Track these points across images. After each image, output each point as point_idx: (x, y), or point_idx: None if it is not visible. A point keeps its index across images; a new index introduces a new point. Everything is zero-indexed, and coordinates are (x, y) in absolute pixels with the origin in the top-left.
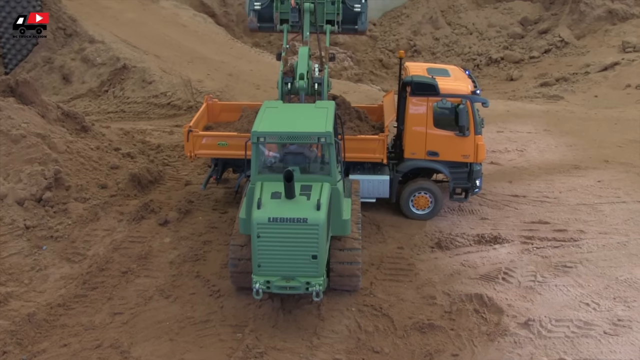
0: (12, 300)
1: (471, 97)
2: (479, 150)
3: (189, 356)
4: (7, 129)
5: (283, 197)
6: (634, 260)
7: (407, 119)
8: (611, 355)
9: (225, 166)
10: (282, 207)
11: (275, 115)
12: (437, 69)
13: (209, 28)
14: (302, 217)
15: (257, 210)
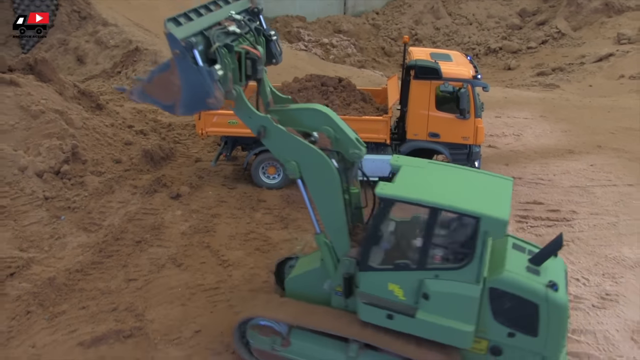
0: (34, 265)
1: (472, 82)
2: (479, 133)
3: (199, 320)
4: (26, 104)
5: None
6: (622, 240)
7: (410, 101)
8: (598, 326)
9: (235, 144)
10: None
11: None
12: (440, 54)
13: None
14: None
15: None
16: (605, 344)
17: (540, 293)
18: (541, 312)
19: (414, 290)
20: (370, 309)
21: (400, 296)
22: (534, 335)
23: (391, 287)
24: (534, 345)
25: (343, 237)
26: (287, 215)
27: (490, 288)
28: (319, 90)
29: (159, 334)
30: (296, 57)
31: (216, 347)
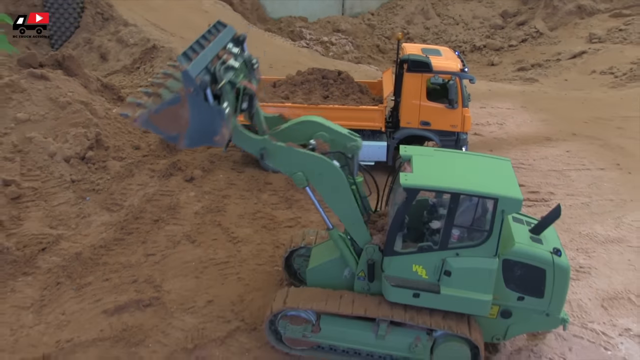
0: (62, 241)
1: (460, 74)
2: (466, 121)
3: (211, 291)
4: (55, 96)
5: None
6: (594, 218)
7: (404, 92)
8: (573, 296)
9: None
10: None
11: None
12: (431, 49)
13: (227, 14)
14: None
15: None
16: (579, 311)
17: (548, 259)
18: (547, 276)
19: (436, 269)
20: (397, 290)
21: (424, 275)
22: (540, 297)
23: (415, 268)
24: (540, 305)
25: (362, 229)
26: (291, 196)
27: (504, 260)
28: (320, 83)
29: (175, 304)
30: (299, 54)
31: (227, 315)
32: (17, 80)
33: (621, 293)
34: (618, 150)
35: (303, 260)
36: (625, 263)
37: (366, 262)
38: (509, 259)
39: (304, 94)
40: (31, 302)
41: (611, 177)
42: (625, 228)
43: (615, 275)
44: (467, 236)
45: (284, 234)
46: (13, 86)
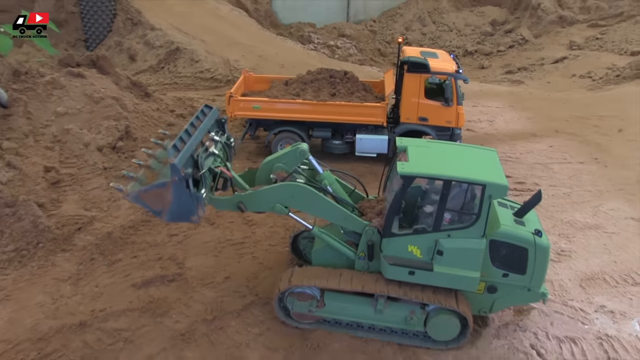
0: (96, 222)
1: (455, 75)
2: (460, 118)
3: (229, 268)
4: (90, 92)
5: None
6: (574, 207)
7: (404, 90)
8: (555, 276)
9: (258, 125)
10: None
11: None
12: (429, 52)
13: (243, 20)
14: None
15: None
16: (560, 290)
17: (530, 240)
18: (530, 255)
19: (430, 249)
20: (394, 269)
21: (419, 255)
22: (523, 274)
23: (410, 249)
24: (522, 281)
25: (352, 220)
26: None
27: (490, 240)
28: (328, 81)
29: (196, 279)
30: (308, 56)
31: (242, 290)
32: (57, 78)
33: (597, 274)
34: (595, 146)
35: (308, 242)
36: (602, 247)
37: (366, 243)
38: (495, 239)
39: (313, 91)
40: (69, 275)
41: (590, 170)
42: (602, 216)
43: (592, 258)
44: (458, 219)
45: None
46: (54, 83)
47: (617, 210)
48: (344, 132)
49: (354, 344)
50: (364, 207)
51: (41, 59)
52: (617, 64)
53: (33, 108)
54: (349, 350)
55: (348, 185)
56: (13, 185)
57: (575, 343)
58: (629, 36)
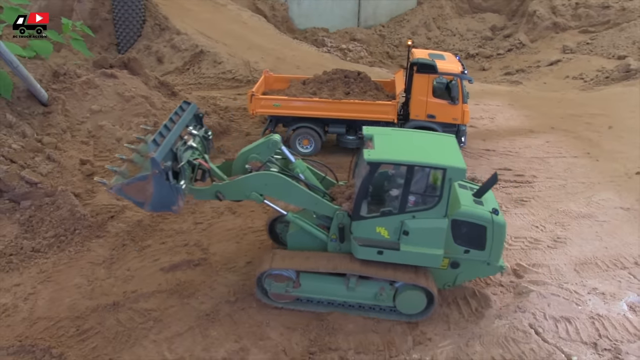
0: (127, 210)
1: (460, 76)
2: (465, 115)
3: (250, 254)
4: (121, 91)
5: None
6: (569, 197)
7: (413, 90)
8: (551, 261)
9: (277, 122)
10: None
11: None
12: (436, 54)
13: (262, 25)
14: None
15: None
16: (556, 274)
17: (488, 218)
18: (488, 232)
19: (396, 229)
20: (364, 249)
21: (386, 235)
22: (482, 249)
23: (378, 230)
24: (482, 256)
25: (323, 205)
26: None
27: (452, 220)
28: (342, 81)
29: (219, 264)
30: (322, 58)
31: None
32: (92, 79)
33: (590, 259)
34: (587, 141)
35: (284, 226)
36: (594, 234)
37: (337, 226)
38: (457, 219)
39: (329, 90)
40: (103, 260)
41: (583, 164)
42: (594, 206)
43: (585, 245)
44: (422, 201)
45: None
46: (89, 83)
47: (607, 200)
48: (357, 128)
49: (368, 324)
50: (335, 193)
51: (77, 62)
52: (606, 67)
53: (70, 106)
54: (362, 330)
55: (319, 172)
56: (52, 176)
57: (570, 322)
58: (615, 42)
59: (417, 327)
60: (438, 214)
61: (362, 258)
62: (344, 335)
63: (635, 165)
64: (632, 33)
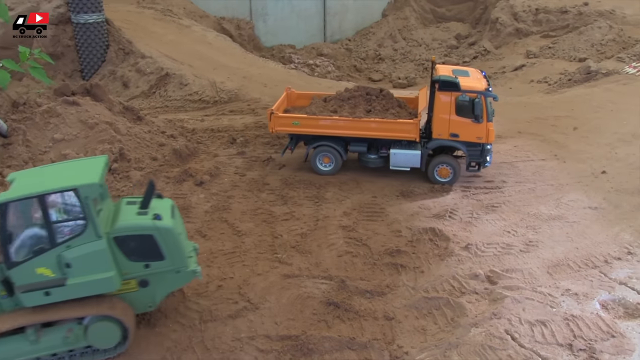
0: None
1: (485, 93)
2: (490, 134)
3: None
4: (85, 119)
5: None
6: (539, 200)
7: (436, 108)
8: (524, 265)
9: (298, 140)
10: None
11: None
12: (460, 70)
13: (228, 45)
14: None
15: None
16: (530, 278)
17: (150, 226)
18: (158, 240)
19: (58, 265)
20: (30, 295)
21: (51, 274)
22: (162, 259)
23: (40, 271)
24: (166, 265)
25: None
26: (286, 194)
27: (113, 237)
28: (364, 99)
29: (190, 289)
30: (289, 74)
31: (234, 297)
32: (53, 107)
33: (562, 260)
34: (554, 143)
35: None
36: (565, 236)
37: (0, 281)
38: (117, 235)
39: (350, 108)
40: None
41: (550, 166)
42: (564, 207)
43: (557, 247)
44: (71, 229)
45: (281, 226)
46: (50, 112)
47: (576, 201)
48: (379, 147)
49: (343, 341)
50: None
51: (40, 90)
52: (568, 70)
53: (32, 136)
54: (338, 347)
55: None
56: None
57: (545, 325)
58: (575, 45)
59: (394, 341)
60: (91, 237)
61: (32, 305)
62: (320, 355)
63: (600, 165)
64: (590, 36)
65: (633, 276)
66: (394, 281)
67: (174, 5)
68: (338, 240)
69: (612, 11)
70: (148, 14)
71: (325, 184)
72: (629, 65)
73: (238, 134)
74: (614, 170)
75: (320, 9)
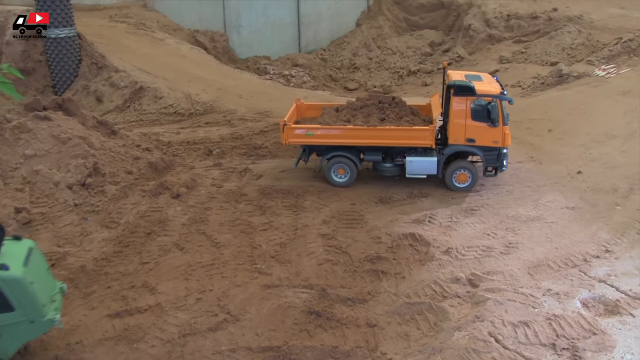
0: (69, 257)
1: (500, 97)
2: (506, 137)
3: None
4: (57, 133)
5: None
6: (518, 202)
7: (451, 113)
8: (505, 267)
9: (311, 151)
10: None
11: None
12: (473, 75)
13: (202, 57)
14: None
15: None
16: (511, 279)
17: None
18: (5, 290)
19: None
20: None
21: None
22: (12, 310)
23: None
24: (19, 316)
25: None
26: (264, 204)
27: None
28: (376, 107)
29: (169, 303)
30: (264, 85)
31: (214, 309)
32: (24, 122)
33: (542, 261)
34: (529, 146)
35: None
36: (544, 236)
37: None
38: None
39: (363, 117)
40: None
41: (527, 168)
42: (542, 208)
43: (537, 247)
44: None
45: (260, 237)
46: (21, 127)
47: (554, 201)
48: (394, 155)
49: (325, 350)
50: None
51: (11, 106)
52: (541, 74)
53: (1, 153)
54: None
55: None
56: None
57: (528, 326)
58: (547, 49)
59: (377, 348)
60: None
61: None
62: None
63: (576, 165)
64: (560, 40)
65: (612, 273)
66: (375, 288)
67: (147, 19)
68: (318, 248)
69: (580, 16)
70: (121, 27)
71: (304, 192)
72: (599, 68)
73: (214, 145)
74: (589, 170)
75: (294, 19)
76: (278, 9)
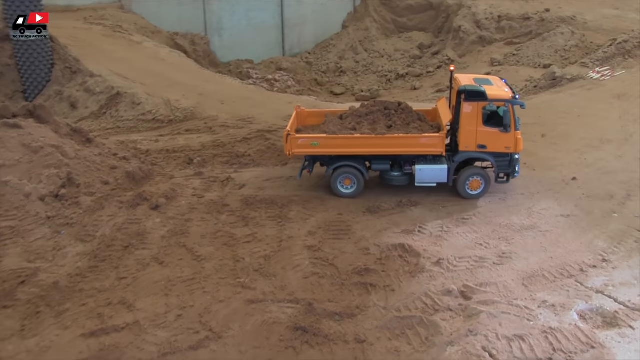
0: (41, 273)
1: (512, 101)
2: (518, 143)
3: (180, 306)
4: (28, 142)
5: None
6: (510, 211)
7: (462, 119)
8: (499, 278)
9: (315, 161)
10: None
11: None
12: (482, 78)
13: (182, 61)
14: None
15: None
16: (505, 291)
17: None
18: None
19: None
20: None
21: None
22: None
23: None
24: None
25: None
26: (247, 215)
27: None
28: (382, 114)
29: (147, 321)
30: (247, 90)
31: (196, 326)
32: None
33: (537, 271)
34: (523, 151)
35: None
36: (538, 246)
37: None
38: None
39: (369, 124)
40: (11, 333)
41: (520, 175)
42: (536, 216)
43: (531, 257)
44: None
45: (243, 249)
46: None
47: (548, 209)
48: (402, 164)
49: None
50: None
51: None
52: (534, 76)
53: None
54: None
55: None
56: None
57: (524, 340)
58: (539, 51)
59: None
60: None
61: None
62: None
63: (570, 171)
64: (553, 42)
65: (609, 284)
66: (364, 301)
67: (124, 21)
68: (304, 261)
69: (573, 17)
70: (96, 30)
71: (289, 202)
72: (593, 70)
73: (195, 153)
74: (584, 177)
75: (278, 21)
76: (261, 11)
